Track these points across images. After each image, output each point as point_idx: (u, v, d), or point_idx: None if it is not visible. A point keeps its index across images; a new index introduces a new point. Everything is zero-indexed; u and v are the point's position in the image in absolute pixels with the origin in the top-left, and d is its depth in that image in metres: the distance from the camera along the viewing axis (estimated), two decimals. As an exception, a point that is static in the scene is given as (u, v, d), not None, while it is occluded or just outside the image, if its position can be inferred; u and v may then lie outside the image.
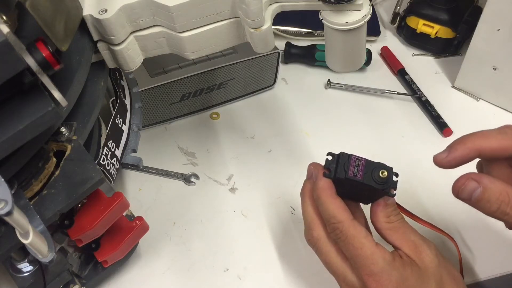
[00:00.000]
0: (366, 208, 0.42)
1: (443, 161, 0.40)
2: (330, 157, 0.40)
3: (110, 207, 0.39)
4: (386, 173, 0.38)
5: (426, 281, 0.37)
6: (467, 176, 0.37)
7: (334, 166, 0.39)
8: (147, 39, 0.42)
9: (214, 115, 0.67)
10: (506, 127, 0.39)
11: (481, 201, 0.37)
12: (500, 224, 0.44)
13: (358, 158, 0.39)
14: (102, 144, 0.45)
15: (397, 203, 0.41)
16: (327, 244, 0.40)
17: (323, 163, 0.41)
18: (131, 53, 0.42)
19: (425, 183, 0.58)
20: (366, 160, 0.39)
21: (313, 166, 0.42)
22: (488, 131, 0.39)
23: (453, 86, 0.72)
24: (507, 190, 0.36)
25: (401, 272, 0.36)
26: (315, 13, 0.42)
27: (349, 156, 0.39)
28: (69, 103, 0.35)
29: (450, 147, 0.40)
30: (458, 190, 0.38)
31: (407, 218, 0.42)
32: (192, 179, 0.58)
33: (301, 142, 0.63)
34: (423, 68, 0.75)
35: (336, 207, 0.39)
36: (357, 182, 0.38)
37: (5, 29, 0.27)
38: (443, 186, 0.57)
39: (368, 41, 0.73)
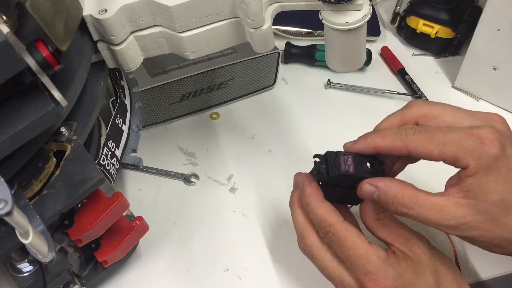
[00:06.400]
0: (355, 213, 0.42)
1: (347, 148, 0.41)
2: (317, 159, 0.40)
3: (110, 207, 0.39)
4: (374, 163, 0.39)
5: (421, 273, 0.37)
6: (365, 181, 0.39)
7: (324, 167, 0.39)
8: (147, 39, 0.42)
9: (214, 115, 0.67)
10: (406, 127, 0.40)
11: (382, 204, 0.38)
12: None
13: (345, 154, 0.40)
14: (102, 144, 0.45)
15: None
16: (321, 249, 0.40)
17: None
18: (131, 53, 0.42)
19: (424, 183, 0.58)
20: (353, 153, 0.40)
21: (298, 175, 0.43)
22: (387, 131, 0.40)
23: (453, 86, 0.72)
24: (402, 191, 0.37)
25: (396, 268, 0.37)
26: (315, 13, 0.42)
27: (336, 153, 0.39)
28: (69, 103, 0.35)
29: (357, 139, 0.41)
30: (359, 194, 0.39)
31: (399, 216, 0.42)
32: (192, 179, 0.58)
33: (301, 142, 0.63)
34: (423, 68, 0.75)
35: (325, 210, 0.39)
36: (350, 177, 0.39)
37: (5, 29, 0.27)
38: (442, 185, 0.58)
39: (368, 41, 0.73)
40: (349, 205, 0.44)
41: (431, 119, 0.40)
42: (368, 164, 0.40)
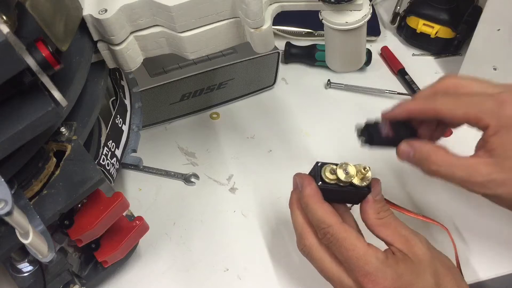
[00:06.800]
0: (358, 214, 0.42)
1: (385, 115, 0.45)
2: (358, 130, 0.45)
3: (110, 207, 0.39)
4: (408, 130, 0.44)
5: (421, 274, 0.37)
6: (403, 142, 0.43)
7: (367, 133, 0.43)
8: (147, 39, 0.42)
9: (214, 115, 0.67)
10: (435, 94, 0.43)
11: (416, 162, 0.41)
12: (500, 223, 0.44)
13: (383, 122, 0.44)
14: (102, 144, 0.45)
15: (385, 199, 0.42)
16: (320, 250, 0.40)
17: (323, 162, 0.41)
18: (131, 53, 0.42)
19: (424, 182, 0.58)
20: (390, 122, 0.44)
21: (297, 176, 0.43)
22: (419, 95, 0.44)
23: (453, 86, 0.72)
24: (436, 151, 0.40)
25: (395, 269, 0.37)
26: (315, 13, 0.42)
27: (375, 122, 0.44)
28: (69, 103, 0.35)
29: (394, 106, 0.45)
30: (397, 154, 0.43)
31: (398, 213, 0.42)
32: (192, 179, 0.58)
33: (301, 142, 0.63)
34: (423, 68, 0.75)
35: (324, 211, 0.39)
36: (390, 141, 0.43)
37: (5, 29, 0.27)
38: (443, 185, 0.58)
39: (368, 41, 0.73)
40: (349, 205, 0.44)
41: (460, 88, 0.43)
42: (404, 131, 0.44)
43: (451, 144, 0.41)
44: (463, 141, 0.43)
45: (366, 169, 0.39)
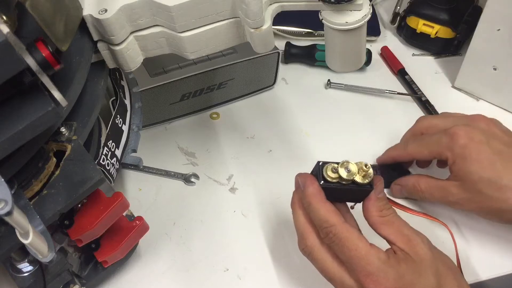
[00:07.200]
0: (358, 213, 0.42)
1: (377, 160, 0.58)
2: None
3: (110, 207, 0.39)
4: (398, 169, 0.55)
5: (423, 274, 0.37)
6: (393, 183, 0.54)
7: None
8: (147, 39, 0.42)
9: (214, 115, 0.67)
10: (408, 139, 0.54)
11: (408, 194, 0.53)
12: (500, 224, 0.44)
13: (375, 168, 0.56)
14: (102, 144, 0.45)
15: (388, 197, 0.42)
16: (322, 251, 0.40)
17: (324, 161, 0.41)
18: (131, 53, 0.42)
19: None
20: (381, 166, 0.57)
21: (299, 176, 0.43)
22: (397, 144, 0.55)
23: (453, 86, 0.72)
24: (418, 181, 0.51)
25: (397, 269, 0.37)
26: (315, 13, 0.42)
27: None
28: (69, 103, 0.35)
29: (383, 153, 0.57)
30: (392, 194, 0.55)
31: (400, 212, 0.43)
32: (192, 179, 0.58)
33: (301, 142, 0.63)
34: (423, 68, 0.75)
35: (327, 211, 0.39)
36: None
37: (5, 29, 0.27)
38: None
39: (368, 41, 0.73)
40: (352, 203, 0.44)
41: (431, 127, 0.52)
42: (395, 172, 0.55)
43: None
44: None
45: (367, 166, 0.39)
